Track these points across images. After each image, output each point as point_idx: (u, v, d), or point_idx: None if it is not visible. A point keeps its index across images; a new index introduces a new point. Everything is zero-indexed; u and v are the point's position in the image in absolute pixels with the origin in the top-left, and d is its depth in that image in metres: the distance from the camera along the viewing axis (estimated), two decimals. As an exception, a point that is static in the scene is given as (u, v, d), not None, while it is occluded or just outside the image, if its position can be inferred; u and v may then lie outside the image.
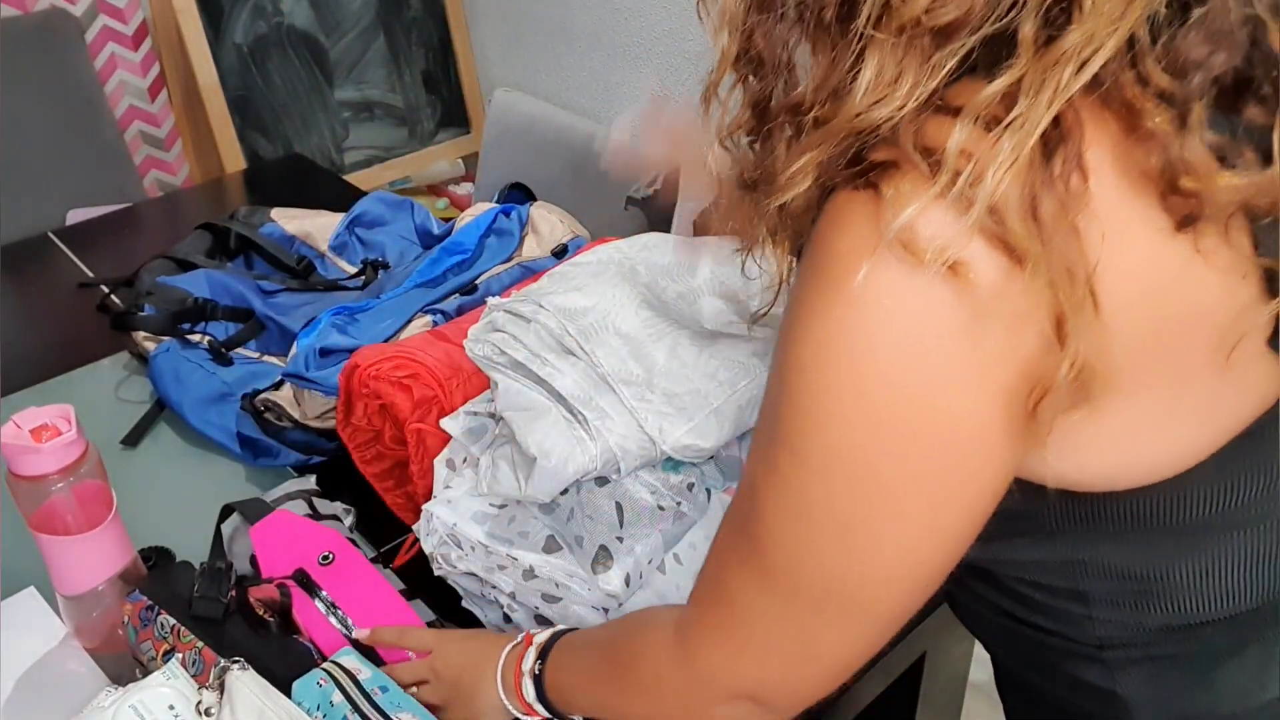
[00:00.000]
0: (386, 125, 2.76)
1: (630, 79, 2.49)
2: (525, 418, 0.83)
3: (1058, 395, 0.45)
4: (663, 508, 0.85)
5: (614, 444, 0.82)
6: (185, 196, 2.36)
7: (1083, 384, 0.45)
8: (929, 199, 0.43)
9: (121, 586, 0.88)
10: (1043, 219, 0.43)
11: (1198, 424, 0.51)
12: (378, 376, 0.98)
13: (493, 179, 2.02)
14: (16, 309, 1.51)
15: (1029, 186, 0.43)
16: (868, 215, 0.45)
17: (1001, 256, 0.43)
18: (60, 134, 2.18)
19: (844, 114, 0.46)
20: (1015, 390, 0.46)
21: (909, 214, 0.43)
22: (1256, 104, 0.45)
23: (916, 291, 0.45)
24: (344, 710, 0.73)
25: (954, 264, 0.43)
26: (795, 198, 0.49)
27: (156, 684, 0.72)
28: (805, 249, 0.50)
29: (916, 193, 0.44)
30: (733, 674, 0.61)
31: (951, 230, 0.43)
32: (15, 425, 0.82)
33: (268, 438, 1.12)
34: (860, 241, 0.45)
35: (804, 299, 0.49)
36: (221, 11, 2.41)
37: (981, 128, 0.43)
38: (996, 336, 0.45)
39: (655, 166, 0.95)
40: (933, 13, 0.43)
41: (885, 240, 0.44)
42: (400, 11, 2.69)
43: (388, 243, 1.46)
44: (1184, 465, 0.52)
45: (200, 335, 1.27)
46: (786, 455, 0.52)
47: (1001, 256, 0.43)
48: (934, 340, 0.46)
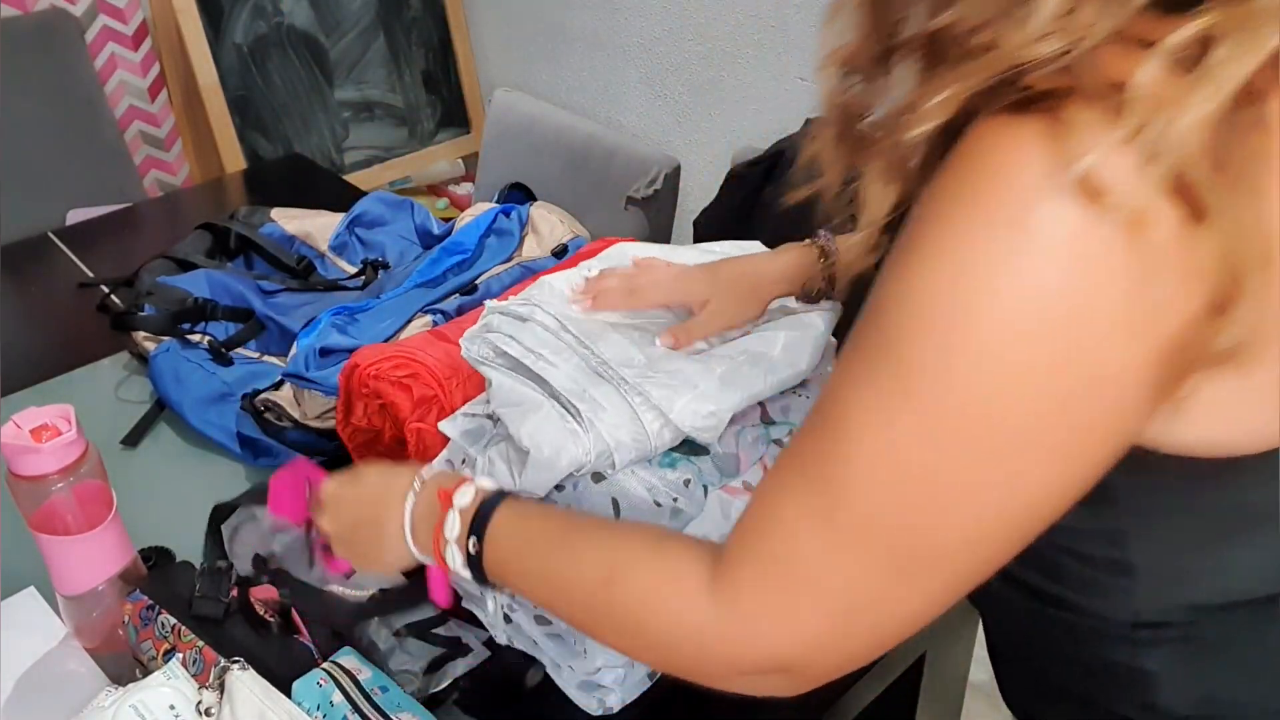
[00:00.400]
0: (386, 125, 2.76)
1: (630, 79, 2.49)
2: (518, 412, 0.83)
3: (1212, 356, 0.44)
4: (659, 504, 0.85)
5: (607, 435, 0.82)
6: (185, 196, 2.36)
7: (1243, 346, 0.43)
8: (1115, 142, 0.41)
9: (121, 586, 0.88)
10: (1228, 174, 0.41)
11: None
12: (378, 376, 0.98)
13: (493, 179, 2.02)
14: (16, 309, 1.51)
15: (1217, 139, 0.41)
16: (1041, 148, 0.43)
17: (1182, 209, 0.42)
18: (60, 134, 2.18)
19: (1013, 42, 0.43)
20: (1171, 349, 0.44)
21: (1095, 156, 0.41)
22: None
23: (1094, 235, 0.42)
24: (344, 710, 0.73)
25: (1136, 212, 0.41)
26: (925, 131, 0.46)
27: (157, 684, 0.72)
28: (942, 181, 0.47)
29: (1100, 131, 0.41)
30: (778, 636, 0.55)
31: (1136, 177, 0.41)
32: (15, 425, 0.82)
33: (268, 438, 1.12)
34: (1033, 176, 0.43)
35: (946, 233, 0.46)
36: (221, 11, 2.41)
37: (1174, 69, 0.41)
38: (1165, 291, 0.43)
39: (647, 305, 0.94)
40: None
41: (1067, 177, 0.42)
42: (400, 11, 2.69)
43: (388, 243, 1.46)
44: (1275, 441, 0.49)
45: (200, 335, 1.28)
46: (898, 396, 0.48)
47: (1182, 209, 0.42)
48: (1104, 288, 0.43)
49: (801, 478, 0.53)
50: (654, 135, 2.48)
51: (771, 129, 2.06)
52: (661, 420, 0.84)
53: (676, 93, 2.39)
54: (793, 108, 2.12)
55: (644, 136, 2.49)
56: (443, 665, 0.86)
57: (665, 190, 1.77)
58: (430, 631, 0.88)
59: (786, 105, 2.15)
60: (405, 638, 0.86)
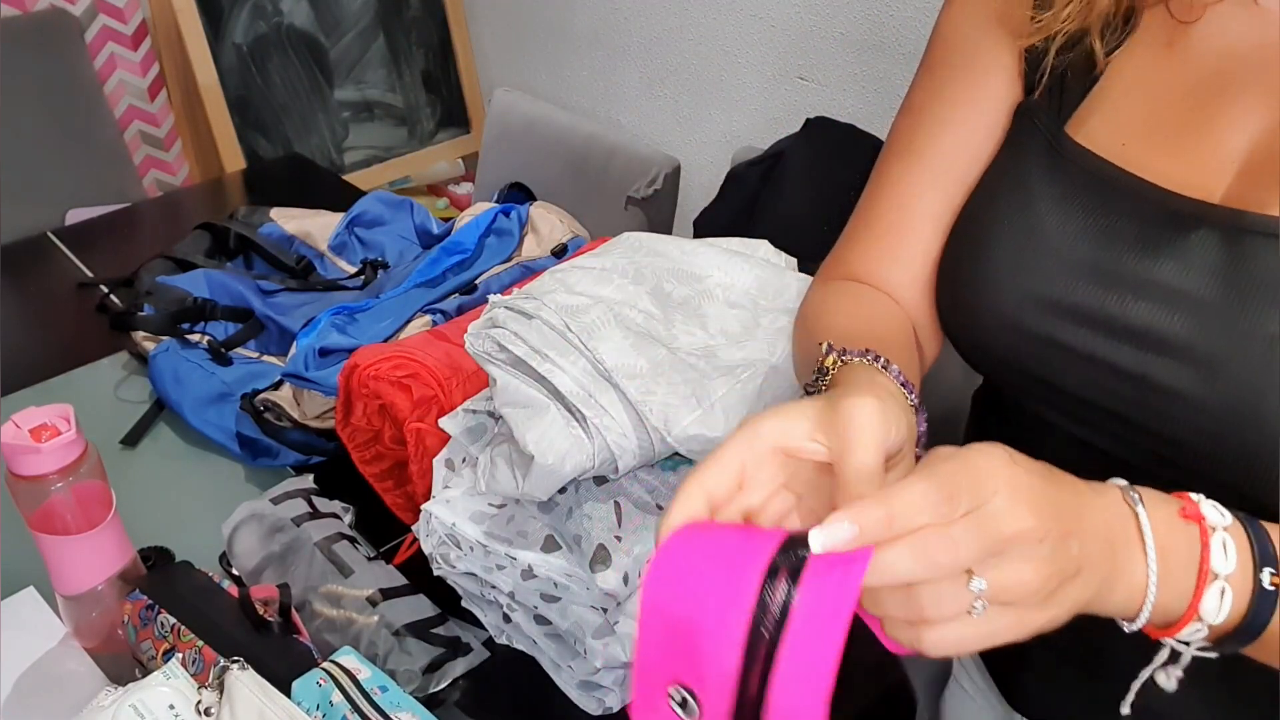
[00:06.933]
0: (386, 125, 2.76)
1: (630, 79, 2.49)
2: (523, 415, 0.83)
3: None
4: (661, 507, 0.85)
5: (612, 443, 0.82)
6: (185, 196, 2.36)
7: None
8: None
9: (121, 586, 0.88)
10: None
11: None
12: (377, 376, 0.98)
13: (492, 179, 2.02)
14: (16, 309, 1.51)
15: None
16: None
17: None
18: (60, 134, 2.18)
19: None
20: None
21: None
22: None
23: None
24: (343, 710, 0.73)
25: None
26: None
27: (156, 683, 0.72)
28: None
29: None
30: None
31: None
32: (15, 425, 0.82)
33: (267, 438, 1.12)
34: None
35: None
36: (221, 11, 2.41)
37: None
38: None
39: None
40: None
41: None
42: (400, 11, 2.69)
43: (387, 242, 1.46)
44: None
45: (200, 335, 1.28)
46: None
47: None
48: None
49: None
50: (654, 135, 2.48)
51: (771, 129, 2.06)
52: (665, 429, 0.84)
53: (676, 93, 2.39)
54: (793, 108, 2.12)
55: (644, 136, 2.49)
56: (442, 665, 0.86)
57: (665, 190, 1.77)
58: (430, 631, 0.87)
59: (786, 105, 2.15)
60: (405, 638, 0.86)
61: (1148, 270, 0.59)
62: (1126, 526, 0.47)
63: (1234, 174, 0.58)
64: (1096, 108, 0.64)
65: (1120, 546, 0.46)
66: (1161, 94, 0.62)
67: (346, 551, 0.92)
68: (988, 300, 0.66)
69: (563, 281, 0.93)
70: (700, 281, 0.97)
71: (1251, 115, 0.59)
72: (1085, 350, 0.62)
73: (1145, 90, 0.63)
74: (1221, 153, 0.59)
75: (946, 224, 0.71)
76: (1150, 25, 0.63)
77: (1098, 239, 0.61)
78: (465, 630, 0.90)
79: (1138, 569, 0.46)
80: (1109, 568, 0.46)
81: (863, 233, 0.76)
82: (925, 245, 0.72)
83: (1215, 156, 0.59)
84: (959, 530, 0.41)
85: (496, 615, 0.91)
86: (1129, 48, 0.64)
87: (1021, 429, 0.69)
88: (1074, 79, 0.65)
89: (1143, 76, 0.63)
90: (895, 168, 0.74)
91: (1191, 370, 0.57)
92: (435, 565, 0.91)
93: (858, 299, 0.74)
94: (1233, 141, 0.59)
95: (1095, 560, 0.45)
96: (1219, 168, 0.59)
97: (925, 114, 0.72)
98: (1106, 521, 0.46)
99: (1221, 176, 0.59)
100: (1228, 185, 0.58)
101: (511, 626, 0.90)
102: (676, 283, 0.96)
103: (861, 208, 0.77)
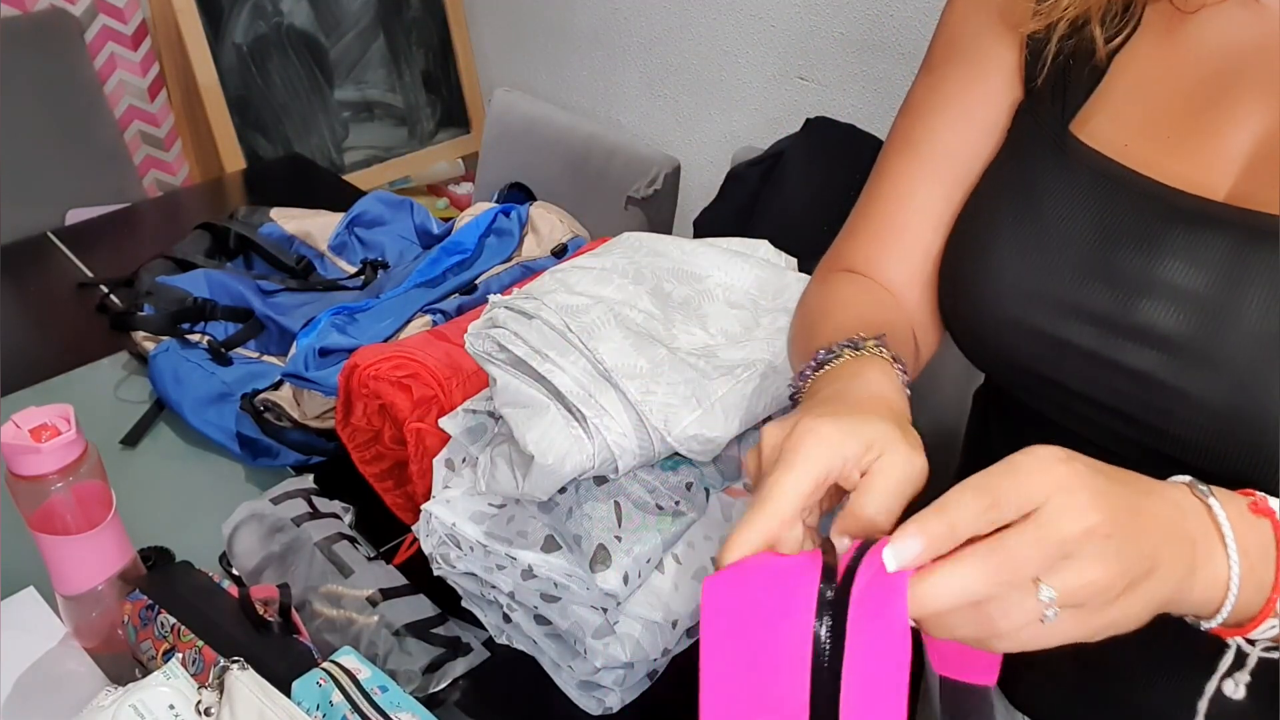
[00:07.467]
0: (386, 125, 2.76)
1: (630, 79, 2.49)
2: (523, 415, 0.83)
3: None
4: (661, 506, 0.85)
5: (612, 443, 0.82)
6: (185, 196, 2.36)
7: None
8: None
9: (121, 586, 0.88)
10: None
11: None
12: (377, 376, 0.98)
13: (492, 179, 2.02)
14: (16, 309, 1.51)
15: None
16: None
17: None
18: (60, 134, 2.18)
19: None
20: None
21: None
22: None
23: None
24: (343, 710, 0.73)
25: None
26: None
27: (156, 683, 0.72)
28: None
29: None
30: None
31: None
32: (15, 425, 0.82)
33: (267, 438, 1.12)
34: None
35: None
36: (221, 11, 2.41)
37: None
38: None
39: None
40: None
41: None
42: (400, 11, 2.69)
43: (387, 242, 1.46)
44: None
45: (200, 335, 1.28)
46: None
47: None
48: None
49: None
50: (654, 135, 2.48)
51: (771, 129, 2.06)
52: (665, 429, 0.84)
53: (676, 93, 2.39)
54: (793, 108, 2.12)
55: (644, 136, 2.49)
56: (442, 665, 0.86)
57: (665, 190, 1.77)
58: (430, 631, 0.87)
59: (786, 105, 2.15)
60: (405, 638, 0.86)
61: (1152, 269, 0.59)
62: (1202, 522, 0.46)
63: (1238, 172, 0.58)
64: (1100, 107, 0.64)
65: (1199, 542, 0.45)
66: (1165, 93, 0.62)
67: (346, 551, 0.92)
68: (991, 298, 0.66)
69: (563, 281, 0.93)
70: (700, 281, 0.97)
71: (1254, 113, 0.59)
72: (1089, 348, 0.62)
73: (1149, 89, 0.63)
74: (1225, 151, 0.59)
75: (945, 219, 0.71)
76: (1153, 20, 0.64)
77: (1102, 237, 0.61)
78: (465, 630, 0.90)
79: (1219, 565, 0.45)
80: (1188, 564, 0.45)
81: (861, 227, 0.76)
82: (923, 240, 0.72)
83: (1219, 155, 0.59)
84: (1015, 539, 0.41)
85: (496, 615, 0.91)
86: (1132, 46, 0.64)
87: (1023, 427, 0.69)
88: (1077, 77, 0.65)
89: (1146, 75, 0.63)
90: (894, 163, 0.74)
91: (1195, 369, 0.57)
92: (435, 565, 0.91)
93: (855, 285, 0.74)
94: (1236, 140, 0.59)
95: (1172, 557, 0.44)
96: (1223, 166, 0.59)
97: (925, 110, 0.73)
98: (1181, 517, 0.45)
99: (1225, 175, 0.59)
100: (1232, 184, 0.58)
101: (511, 626, 0.90)
102: (676, 283, 0.96)
103: (861, 203, 0.77)
